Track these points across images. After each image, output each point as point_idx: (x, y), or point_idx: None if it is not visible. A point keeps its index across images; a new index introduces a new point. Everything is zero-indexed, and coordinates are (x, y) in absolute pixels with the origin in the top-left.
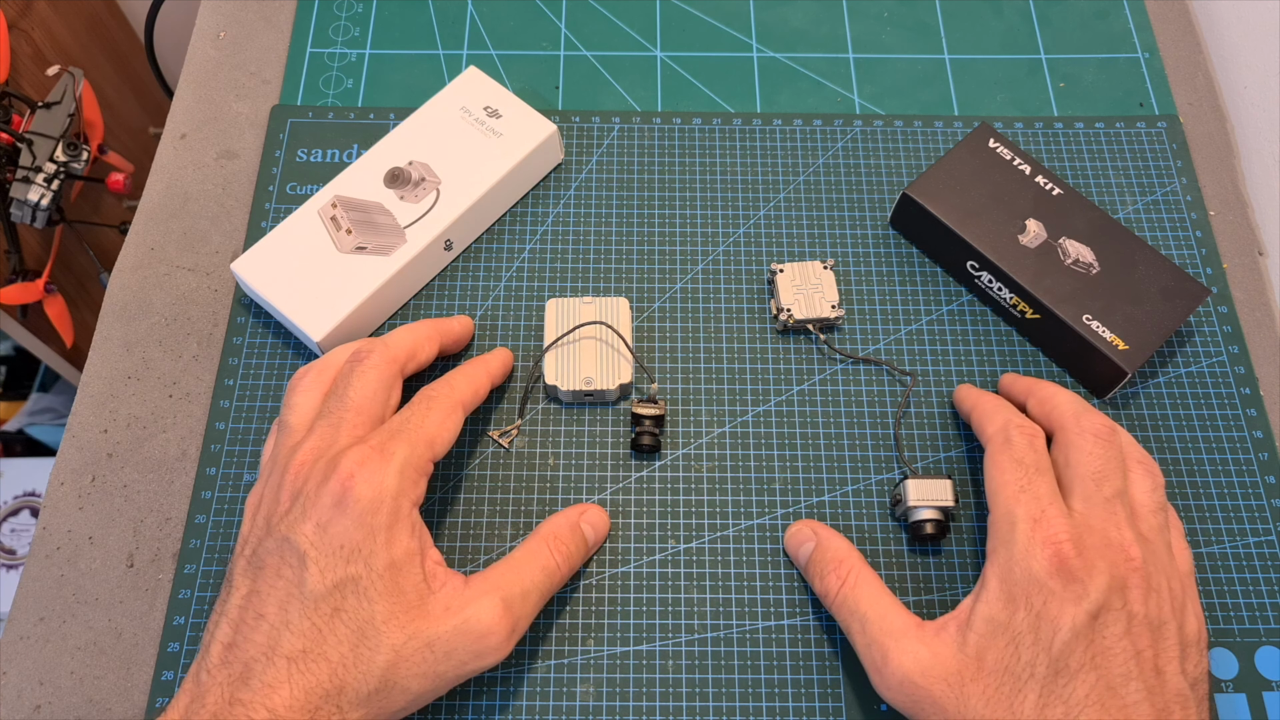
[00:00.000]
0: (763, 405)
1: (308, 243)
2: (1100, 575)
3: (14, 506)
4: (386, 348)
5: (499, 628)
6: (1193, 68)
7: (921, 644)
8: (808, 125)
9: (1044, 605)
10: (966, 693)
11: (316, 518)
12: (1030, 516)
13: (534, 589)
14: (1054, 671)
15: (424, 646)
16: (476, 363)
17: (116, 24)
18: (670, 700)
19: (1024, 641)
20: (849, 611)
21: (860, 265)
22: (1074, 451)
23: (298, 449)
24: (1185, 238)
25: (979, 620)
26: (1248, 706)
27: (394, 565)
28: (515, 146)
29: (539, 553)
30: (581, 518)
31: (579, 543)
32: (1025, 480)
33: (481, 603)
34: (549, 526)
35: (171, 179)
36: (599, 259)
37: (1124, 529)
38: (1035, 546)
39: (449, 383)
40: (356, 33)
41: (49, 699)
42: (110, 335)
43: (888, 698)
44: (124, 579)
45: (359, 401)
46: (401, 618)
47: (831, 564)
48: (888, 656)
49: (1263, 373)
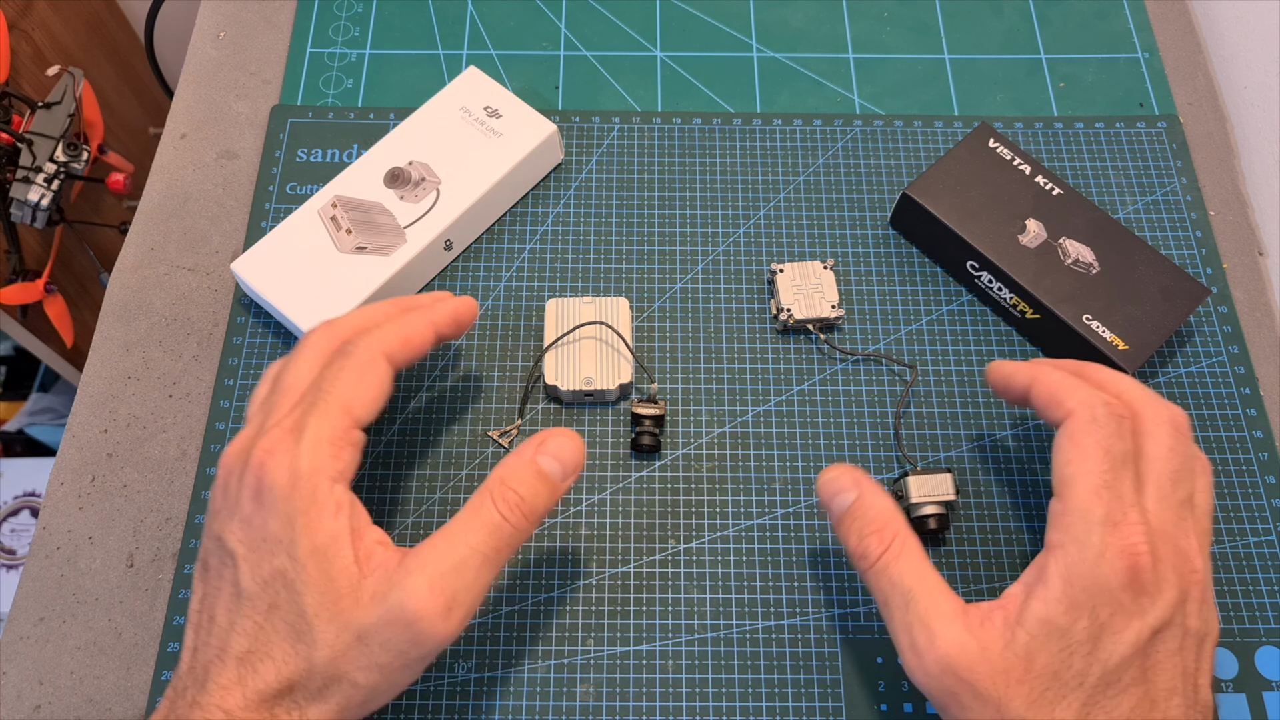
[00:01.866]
0: (763, 405)
1: (308, 243)
2: (1169, 590)
3: (14, 506)
4: (329, 325)
5: (429, 609)
6: (1193, 68)
7: (969, 633)
8: (808, 125)
9: (1110, 618)
10: (1010, 693)
11: (240, 514)
12: (1111, 518)
13: (472, 554)
14: (1105, 684)
15: (356, 639)
16: (418, 310)
17: (116, 24)
18: (670, 700)
19: (1079, 651)
20: (890, 583)
21: (860, 265)
22: (1151, 442)
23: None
24: (1185, 238)
25: (1033, 620)
26: (1247, 706)
27: (317, 551)
28: (515, 146)
29: (480, 509)
30: (539, 450)
31: (534, 483)
32: (1111, 474)
33: (406, 584)
34: (497, 471)
35: (171, 179)
36: (599, 259)
37: (1192, 538)
38: (1111, 553)
39: (371, 333)
40: (356, 33)
41: (49, 699)
42: (110, 335)
43: (922, 681)
44: (124, 579)
45: (291, 382)
46: (331, 609)
47: (874, 524)
48: (934, 640)
49: (1263, 373)
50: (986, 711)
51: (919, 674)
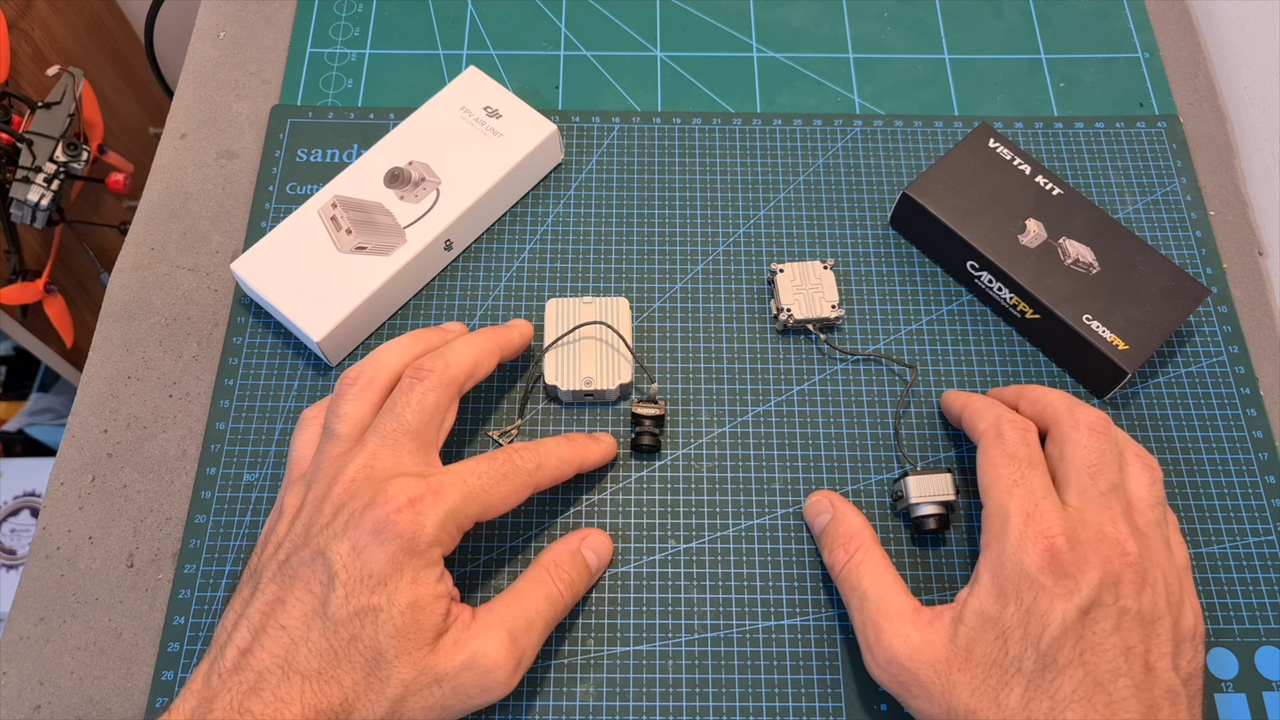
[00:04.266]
0: (763, 405)
1: (308, 243)
2: (1093, 570)
3: (14, 506)
4: (448, 367)
5: (505, 662)
6: (1193, 68)
7: (914, 628)
8: (808, 125)
9: (1034, 600)
10: (953, 681)
11: (354, 539)
12: (1023, 511)
13: (538, 619)
14: (1041, 666)
15: (433, 682)
16: (575, 447)
17: (116, 24)
18: (670, 700)
19: (1013, 636)
20: (850, 587)
21: (860, 265)
22: (1069, 445)
23: (348, 462)
24: (1185, 238)
25: (969, 613)
26: (1247, 706)
27: (415, 605)
28: (515, 146)
29: (542, 581)
30: (583, 543)
31: (581, 569)
32: (1018, 474)
33: (488, 636)
34: (550, 555)
35: (171, 179)
36: (599, 259)
37: (1119, 523)
38: (1027, 541)
39: (539, 460)
40: (356, 33)
41: (49, 699)
42: (110, 335)
43: (876, 676)
44: (124, 579)
45: (415, 424)
46: (415, 654)
47: (843, 538)
48: (880, 635)
49: (1263, 373)
50: (933, 701)
51: (871, 667)
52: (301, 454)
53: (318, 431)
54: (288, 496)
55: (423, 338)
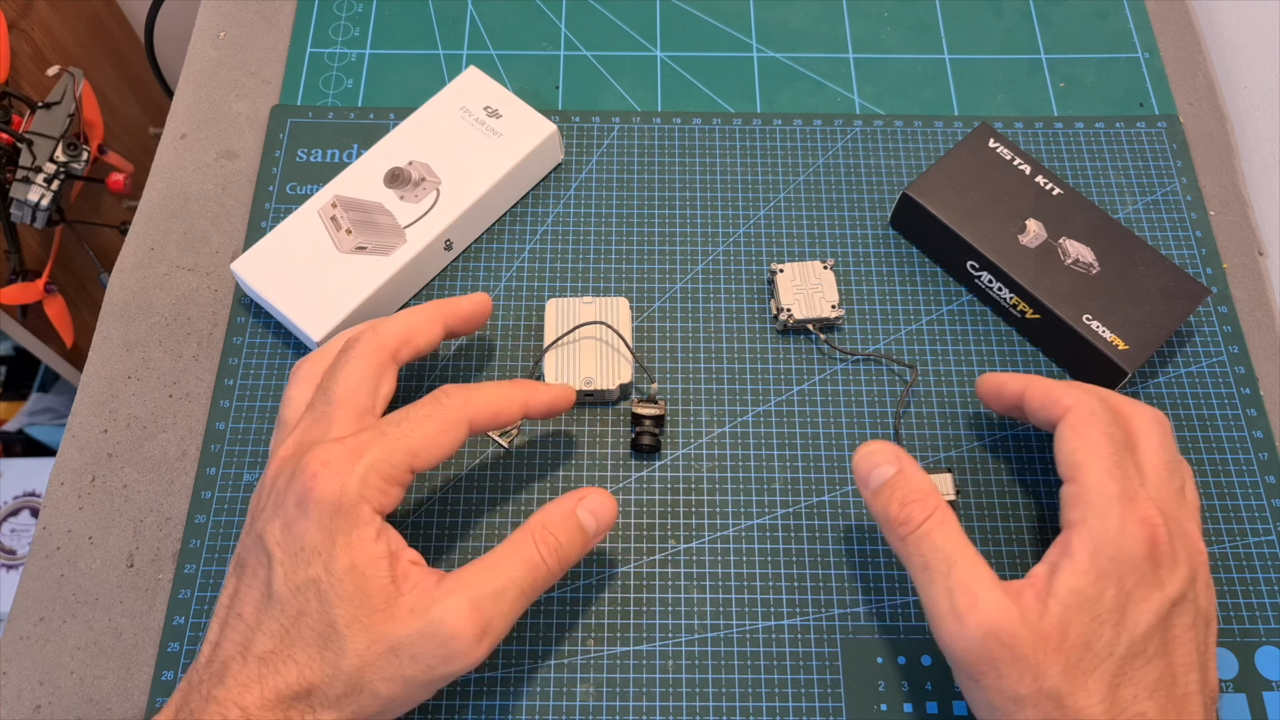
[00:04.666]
0: (763, 405)
1: (308, 243)
2: (1183, 565)
3: (14, 506)
4: (375, 334)
5: (466, 629)
6: (1193, 68)
7: (1011, 600)
8: (808, 125)
9: (1135, 587)
10: (1048, 661)
11: (283, 517)
12: (1125, 494)
13: (511, 586)
14: (1132, 654)
15: (388, 651)
16: (518, 384)
17: (116, 24)
18: (670, 700)
19: (1109, 620)
20: (933, 548)
21: (860, 265)
22: (1143, 438)
23: (279, 444)
24: (1185, 238)
25: (1064, 591)
26: (1247, 706)
27: (355, 568)
28: (515, 146)
29: (522, 546)
30: (580, 504)
31: (572, 532)
32: (1118, 456)
33: (448, 603)
34: (539, 516)
35: (171, 179)
36: (599, 259)
37: (1191, 523)
38: (1131, 525)
39: (468, 395)
40: (356, 33)
41: (49, 699)
42: (110, 335)
43: (960, 647)
44: (124, 579)
45: (342, 393)
46: (365, 621)
47: (917, 493)
48: (976, 604)
49: (1263, 373)
50: (1024, 679)
51: (957, 639)
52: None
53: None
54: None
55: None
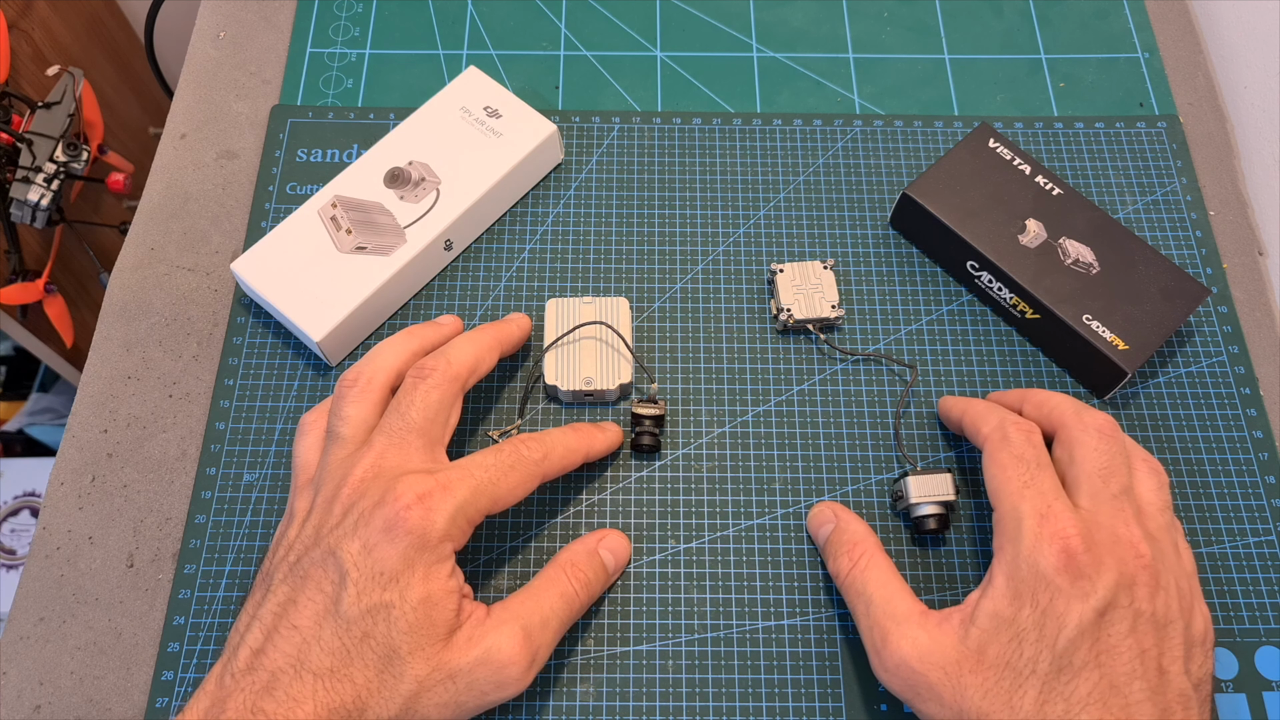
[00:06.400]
0: (763, 405)
1: (308, 243)
2: (1108, 572)
3: (14, 506)
4: (450, 365)
5: (520, 658)
6: (1193, 68)
7: (923, 630)
8: (808, 125)
9: (1050, 602)
10: (964, 683)
11: (364, 538)
12: (1036, 512)
13: (553, 617)
14: (1057, 669)
15: (446, 678)
16: (581, 437)
17: (116, 24)
18: (670, 700)
19: (1028, 638)
20: (856, 592)
21: (860, 265)
22: (1078, 448)
23: (356, 462)
24: (1185, 238)
25: (983, 615)
26: (1248, 706)
27: (428, 600)
28: (515, 146)
29: (558, 580)
30: (600, 544)
31: (598, 569)
32: (1028, 476)
33: (502, 632)
34: (567, 554)
35: (171, 179)
36: (599, 259)
37: (1132, 526)
38: (1043, 542)
39: (546, 451)
40: (356, 33)
41: (49, 699)
42: (110, 335)
43: (884, 680)
44: (124, 579)
45: (421, 422)
46: (428, 650)
47: (846, 545)
48: (888, 639)
49: (1263, 373)
50: (944, 703)
51: (880, 672)
52: (306, 459)
53: (320, 436)
54: (297, 501)
55: (418, 334)
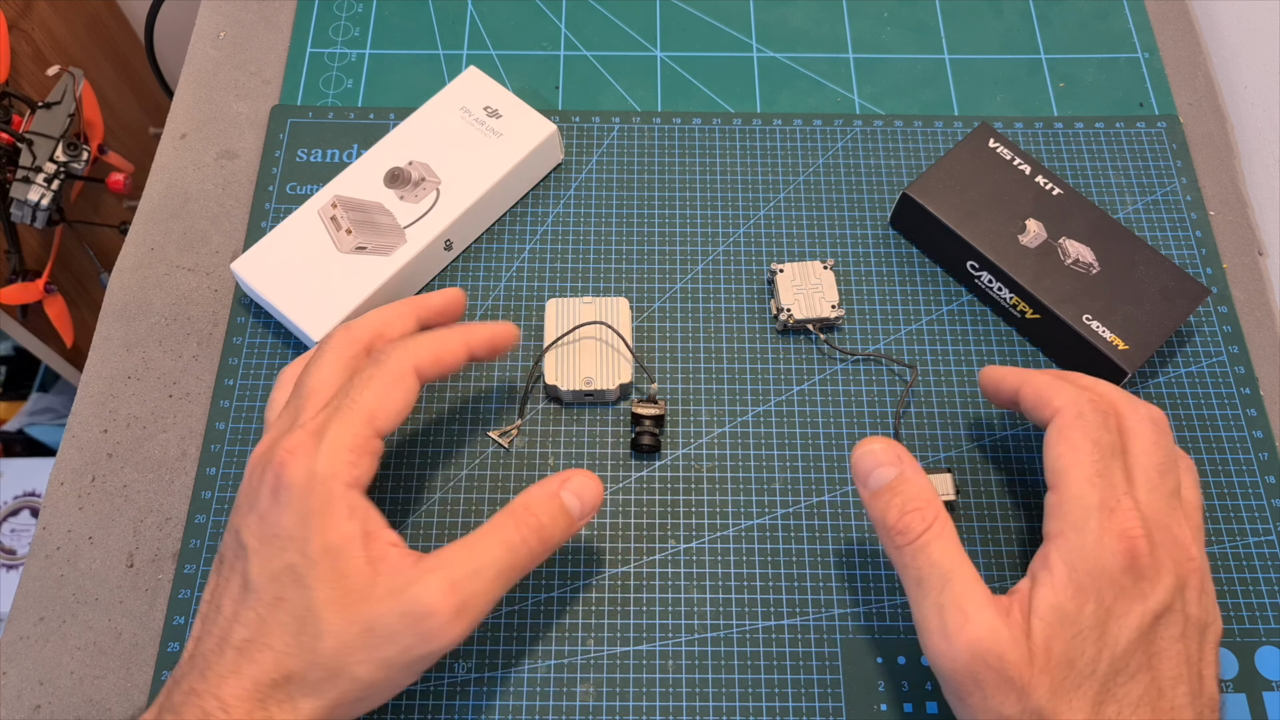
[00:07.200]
0: (763, 405)
1: (308, 243)
2: (1167, 575)
3: (14, 506)
4: (348, 329)
5: (442, 607)
6: (1193, 68)
7: (1000, 620)
8: (808, 125)
9: (1114, 602)
10: (1035, 681)
11: (259, 510)
12: (1106, 504)
13: (489, 565)
14: (1114, 670)
15: (364, 630)
16: (455, 328)
17: (116, 24)
18: (670, 700)
19: (1089, 637)
20: (929, 562)
21: (860, 265)
22: (1135, 439)
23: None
24: (1185, 238)
25: (1044, 607)
26: (1248, 706)
27: (330, 550)
28: (515, 146)
29: (502, 527)
30: (564, 485)
31: (555, 513)
32: (1102, 464)
33: (425, 581)
34: (522, 497)
35: (171, 179)
36: (599, 259)
37: (1184, 527)
38: (1109, 537)
39: (405, 345)
40: (356, 33)
41: (49, 699)
42: (110, 335)
43: (947, 666)
44: (124, 579)
45: (314, 385)
46: (341, 602)
47: (917, 500)
48: (967, 624)
49: (1263, 373)
50: (1010, 699)
51: (945, 658)
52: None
53: None
54: None
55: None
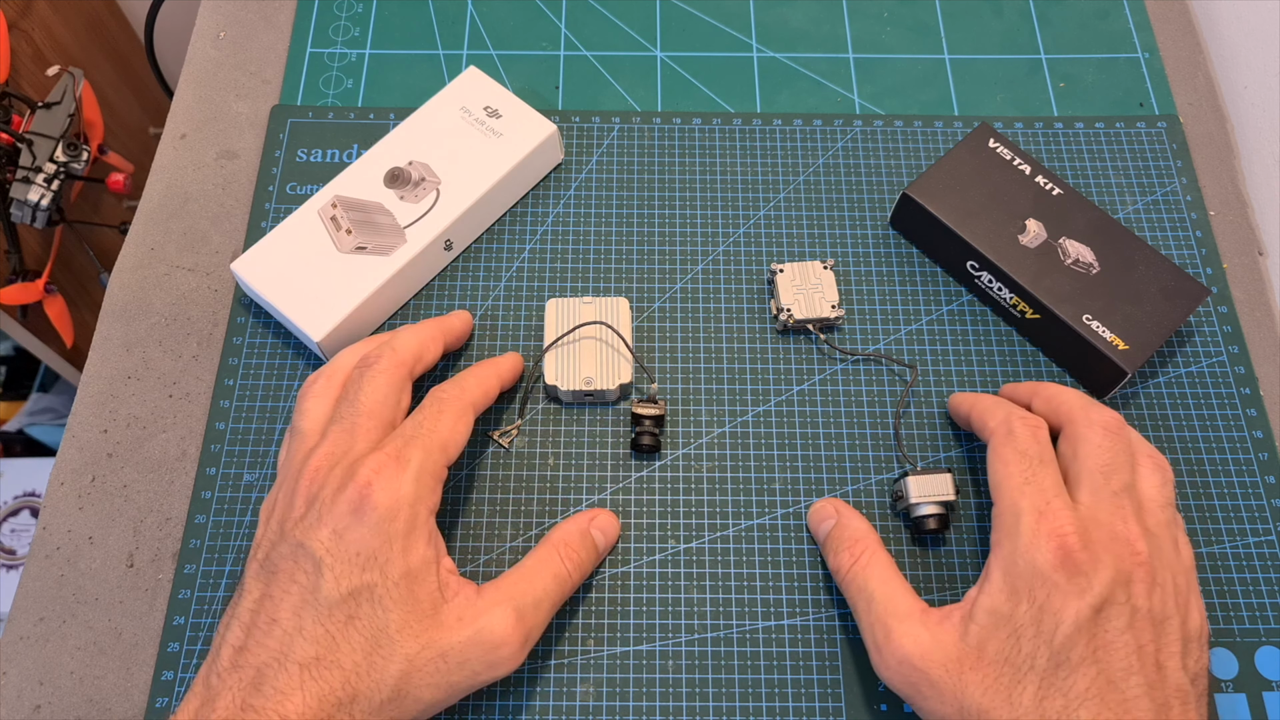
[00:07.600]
0: (763, 405)
1: (308, 243)
2: (1105, 569)
3: (14, 506)
4: (394, 351)
5: (512, 638)
6: (1193, 68)
7: (924, 628)
8: (808, 125)
9: (1047, 598)
10: (965, 680)
11: (333, 524)
12: (1035, 509)
13: (546, 597)
14: (1055, 664)
15: (437, 656)
16: (488, 364)
17: (116, 24)
18: (670, 700)
19: (1025, 634)
20: (857, 589)
21: (860, 265)
22: (1082, 444)
23: (312, 454)
24: (1185, 238)
25: (981, 611)
26: (1248, 706)
27: (409, 574)
28: (515, 146)
29: (550, 560)
30: (592, 524)
31: (589, 549)
32: (1029, 472)
33: (495, 613)
34: (559, 534)
35: (171, 179)
36: (599, 259)
37: (1130, 523)
38: (1040, 539)
39: (460, 384)
40: (356, 33)
41: (49, 699)
42: (110, 335)
43: (885, 677)
44: (124, 579)
45: (370, 405)
46: (415, 627)
47: (847, 541)
48: (890, 636)
49: (1263, 373)
50: (945, 700)
51: (881, 669)
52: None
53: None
54: (265, 503)
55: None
